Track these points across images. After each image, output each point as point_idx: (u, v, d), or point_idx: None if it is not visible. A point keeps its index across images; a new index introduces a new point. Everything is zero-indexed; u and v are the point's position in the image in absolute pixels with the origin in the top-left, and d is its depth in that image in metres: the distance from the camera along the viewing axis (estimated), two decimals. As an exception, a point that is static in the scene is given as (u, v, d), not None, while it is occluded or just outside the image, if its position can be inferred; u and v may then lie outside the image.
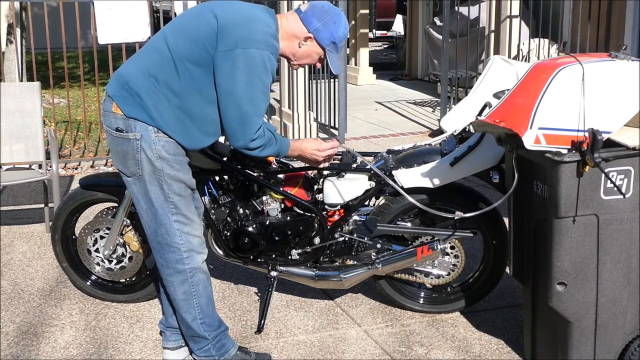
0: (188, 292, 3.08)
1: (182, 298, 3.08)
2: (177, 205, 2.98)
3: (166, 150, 2.92)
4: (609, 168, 2.70)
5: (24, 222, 5.27)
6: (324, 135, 7.97)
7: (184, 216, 3.01)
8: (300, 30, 3.05)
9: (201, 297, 3.10)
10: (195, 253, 3.06)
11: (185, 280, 3.06)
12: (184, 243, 3.02)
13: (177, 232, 3.00)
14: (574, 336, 2.89)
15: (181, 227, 3.01)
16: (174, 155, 2.94)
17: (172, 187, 2.96)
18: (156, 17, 13.59)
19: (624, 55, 2.79)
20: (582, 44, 7.39)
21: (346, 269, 3.58)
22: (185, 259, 3.03)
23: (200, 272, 3.09)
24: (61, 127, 8.24)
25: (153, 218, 3.01)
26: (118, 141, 2.95)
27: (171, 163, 2.94)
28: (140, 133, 2.90)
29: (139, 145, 2.90)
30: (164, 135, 2.91)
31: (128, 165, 2.96)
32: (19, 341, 3.52)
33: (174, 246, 3.02)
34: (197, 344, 3.17)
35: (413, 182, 3.44)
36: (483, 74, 3.63)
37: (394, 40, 15.74)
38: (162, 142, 2.91)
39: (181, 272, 3.05)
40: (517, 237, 3.12)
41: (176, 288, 3.08)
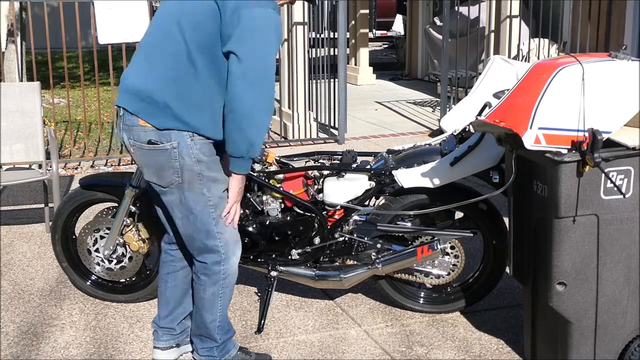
0: (216, 294, 3.07)
1: (209, 298, 3.07)
2: (217, 208, 2.96)
3: (203, 153, 2.89)
4: (609, 168, 2.70)
5: (24, 222, 5.27)
6: (324, 135, 7.98)
7: (221, 219, 2.99)
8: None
9: (226, 300, 3.10)
10: (232, 255, 3.05)
11: (218, 281, 3.05)
12: (223, 245, 3.00)
13: (217, 234, 2.98)
14: (574, 336, 2.89)
15: (221, 229, 2.99)
16: (210, 157, 2.92)
17: (212, 189, 2.93)
18: (156, 17, 13.56)
19: (624, 55, 2.79)
20: (582, 44, 7.39)
21: (346, 269, 3.58)
22: (224, 260, 3.02)
23: (232, 276, 3.09)
24: (61, 127, 8.24)
25: (192, 225, 2.97)
26: (152, 154, 2.88)
27: (209, 165, 2.91)
28: (177, 141, 2.85)
29: (176, 153, 2.86)
30: (199, 137, 2.87)
31: (164, 175, 2.90)
32: (19, 341, 3.52)
33: (215, 249, 3.00)
34: (203, 342, 3.16)
35: (413, 182, 3.44)
36: (483, 74, 3.63)
37: (394, 40, 15.74)
38: (199, 145, 2.87)
39: (216, 273, 3.04)
40: (517, 237, 3.12)
41: (207, 288, 3.06)
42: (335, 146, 7.57)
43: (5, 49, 7.39)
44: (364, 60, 12.12)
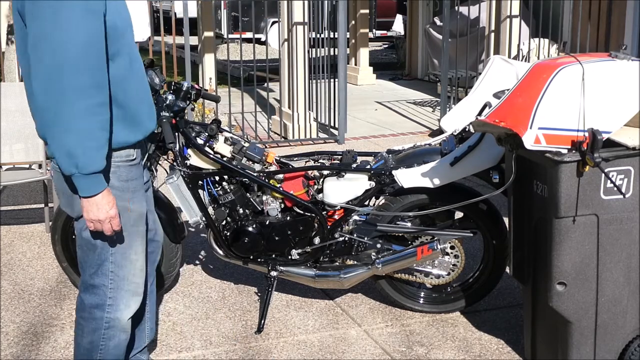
0: (95, 345, 2.66)
1: (86, 347, 2.67)
2: (118, 244, 2.56)
3: (118, 177, 2.51)
4: (609, 168, 2.70)
5: (24, 222, 5.27)
6: (324, 135, 7.98)
7: (123, 256, 2.59)
8: None
9: (108, 354, 2.67)
10: (124, 306, 2.64)
11: (97, 329, 2.64)
12: (113, 289, 2.60)
13: (110, 274, 2.59)
14: (574, 336, 2.89)
15: (116, 270, 2.59)
16: (125, 182, 2.54)
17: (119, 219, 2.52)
18: (156, 17, 13.58)
19: (624, 55, 2.79)
20: (582, 44, 7.40)
21: (346, 269, 3.59)
22: (109, 307, 2.62)
23: (118, 327, 2.66)
24: (61, 127, 8.23)
25: (85, 255, 2.60)
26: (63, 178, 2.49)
27: (122, 192, 2.52)
28: None
29: None
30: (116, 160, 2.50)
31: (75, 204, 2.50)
32: (19, 341, 3.52)
33: (99, 290, 2.60)
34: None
35: (413, 182, 3.44)
36: (483, 74, 3.63)
37: (394, 40, 15.75)
38: (113, 167, 2.50)
39: (97, 319, 2.63)
40: (517, 237, 3.12)
41: (84, 335, 2.66)
42: (335, 146, 7.57)
43: (5, 49, 7.39)
44: (364, 60, 12.12)
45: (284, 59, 7.80)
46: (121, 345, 2.72)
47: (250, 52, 12.65)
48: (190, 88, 3.53)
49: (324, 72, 7.84)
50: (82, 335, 2.68)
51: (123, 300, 2.65)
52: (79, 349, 2.71)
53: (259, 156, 3.55)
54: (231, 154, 3.53)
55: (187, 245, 4.57)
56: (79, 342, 2.70)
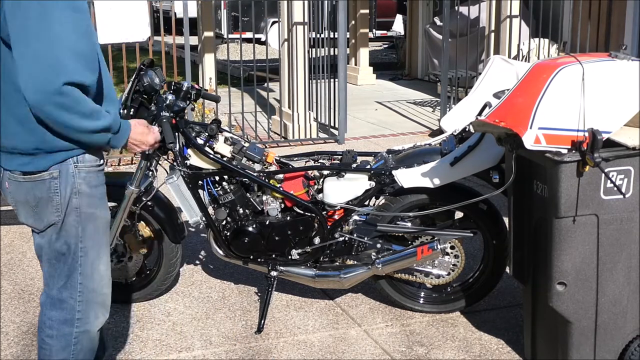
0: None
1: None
2: (87, 254, 2.49)
3: (87, 183, 2.46)
4: (609, 168, 2.70)
5: (24, 222, 5.27)
6: (324, 135, 7.98)
7: (92, 266, 2.51)
8: None
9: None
10: (93, 318, 2.55)
11: (67, 347, 2.52)
12: (82, 302, 2.51)
13: (79, 286, 2.49)
14: (574, 336, 2.89)
15: (85, 282, 2.50)
16: (95, 188, 2.49)
17: (87, 229, 2.48)
18: (156, 17, 13.55)
19: (624, 55, 2.79)
20: (582, 44, 7.40)
21: (346, 269, 3.59)
22: (78, 320, 2.52)
23: (87, 340, 2.56)
24: (61, 127, 8.23)
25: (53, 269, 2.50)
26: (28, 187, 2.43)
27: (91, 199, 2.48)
28: (58, 169, 2.40)
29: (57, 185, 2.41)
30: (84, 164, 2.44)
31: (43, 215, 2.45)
32: (19, 341, 3.52)
33: (68, 302, 2.50)
34: None
35: (413, 182, 3.44)
36: (483, 74, 3.63)
37: (394, 40, 15.74)
38: (84, 172, 2.44)
39: (65, 335, 2.51)
40: (517, 237, 3.12)
41: (52, 354, 2.52)
42: (335, 146, 7.56)
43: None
44: (364, 60, 12.12)
45: (284, 59, 7.80)
46: (90, 353, 2.62)
47: (250, 52, 12.64)
48: (190, 88, 3.53)
49: (324, 72, 7.83)
50: (50, 356, 2.54)
51: (92, 312, 2.56)
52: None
53: (259, 156, 3.55)
54: (231, 154, 3.53)
55: (187, 245, 4.57)
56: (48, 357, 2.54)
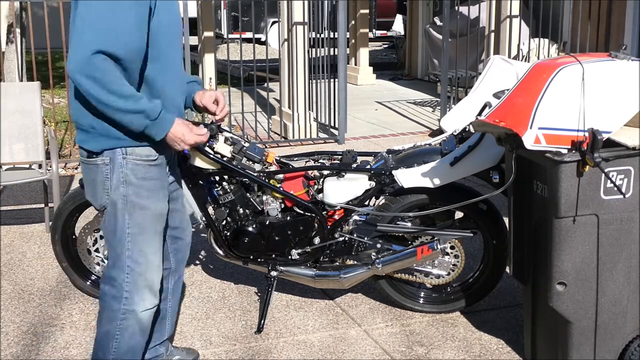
0: (111, 334, 2.75)
1: (102, 335, 2.77)
2: (135, 239, 2.67)
3: (135, 174, 2.63)
4: (609, 168, 2.70)
5: (24, 222, 5.27)
6: (324, 135, 7.98)
7: (141, 254, 2.69)
8: None
9: (122, 344, 2.76)
10: (139, 299, 2.73)
11: (114, 319, 2.73)
12: (130, 282, 2.70)
13: (127, 268, 2.69)
14: (574, 336, 2.89)
15: (133, 265, 2.69)
16: (142, 180, 2.65)
17: (134, 216, 2.65)
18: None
19: (624, 55, 2.79)
20: (582, 44, 7.40)
21: (346, 269, 3.59)
22: (125, 299, 2.72)
23: (133, 319, 2.74)
24: (61, 127, 8.24)
25: (109, 247, 2.74)
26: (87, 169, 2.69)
27: (138, 190, 2.65)
28: (109, 157, 2.62)
29: (107, 171, 2.63)
30: (133, 156, 2.62)
31: (97, 196, 2.69)
32: (19, 341, 3.52)
33: (117, 281, 2.70)
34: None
35: (413, 182, 3.44)
36: (483, 74, 3.63)
37: (394, 40, 15.75)
38: (131, 164, 2.62)
39: (113, 311, 2.73)
40: (517, 237, 3.12)
41: (102, 324, 2.77)
42: (335, 146, 7.57)
43: (5, 49, 7.39)
44: (364, 60, 12.12)
45: (284, 59, 7.80)
46: (136, 336, 2.79)
47: (250, 52, 12.65)
48: (190, 88, 3.52)
49: (324, 72, 7.84)
50: (100, 323, 2.79)
51: (138, 294, 2.73)
52: (98, 335, 2.81)
53: (259, 156, 3.55)
54: (231, 154, 3.53)
55: (187, 245, 4.57)
56: (98, 329, 2.81)
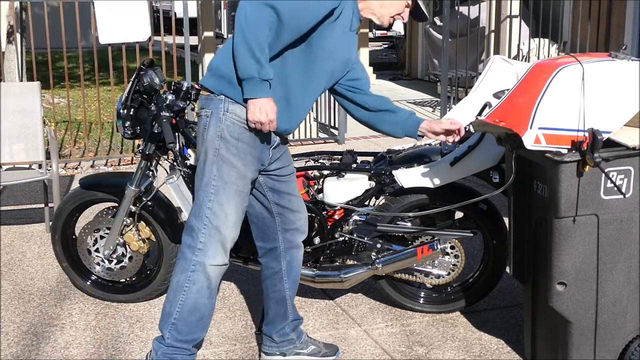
0: (181, 285, 2.90)
1: (174, 286, 2.93)
2: (217, 193, 2.84)
3: (230, 132, 2.81)
4: (609, 168, 2.70)
5: (24, 222, 5.27)
6: (324, 135, 7.98)
7: (221, 207, 2.85)
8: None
9: (189, 298, 2.90)
10: (211, 252, 2.87)
11: (185, 270, 2.89)
12: (205, 234, 2.86)
13: (205, 219, 2.85)
14: (574, 336, 2.89)
15: (211, 217, 2.85)
16: (236, 139, 2.82)
17: (222, 170, 2.83)
18: (156, 17, 13.51)
19: (624, 55, 2.79)
20: (582, 44, 7.40)
21: (346, 269, 3.58)
22: (198, 251, 2.87)
23: (202, 273, 2.88)
24: (61, 127, 8.24)
25: (195, 196, 2.91)
26: (198, 121, 2.93)
27: (229, 147, 2.82)
28: (211, 110, 2.84)
29: (207, 123, 2.84)
30: (232, 115, 2.81)
31: (199, 146, 2.90)
32: (19, 341, 3.52)
33: (194, 232, 2.87)
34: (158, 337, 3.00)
35: (413, 182, 3.44)
36: (483, 74, 3.62)
37: (394, 40, 15.75)
38: (228, 122, 2.81)
39: (187, 260, 2.88)
40: (517, 237, 3.12)
41: (175, 274, 2.93)
42: (335, 146, 7.57)
43: (5, 49, 7.39)
44: (364, 60, 12.08)
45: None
46: (203, 293, 2.90)
47: (250, 52, 12.62)
48: (190, 88, 3.53)
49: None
50: (174, 272, 2.94)
51: (212, 247, 2.87)
52: (171, 285, 2.96)
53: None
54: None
55: (187, 245, 4.57)
56: (172, 279, 2.96)
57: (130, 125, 3.54)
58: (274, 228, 3.13)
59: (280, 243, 3.15)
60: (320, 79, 2.96)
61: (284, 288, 3.21)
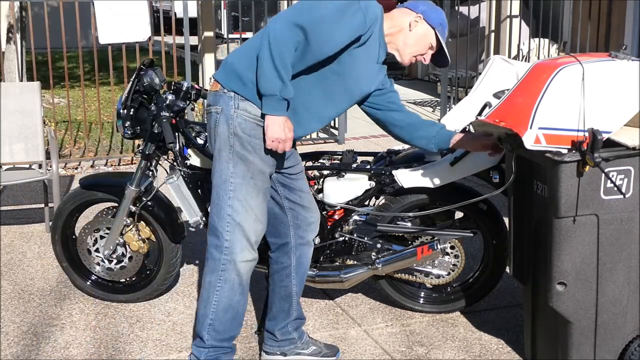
0: (212, 285, 2.94)
1: (206, 287, 2.96)
2: (236, 190, 2.86)
3: (242, 129, 2.84)
4: (609, 168, 2.70)
5: (24, 222, 5.27)
6: (324, 135, 7.98)
7: (241, 203, 2.87)
8: (408, 14, 3.02)
9: (222, 297, 2.95)
10: (238, 249, 2.91)
11: (215, 270, 2.92)
12: (230, 232, 2.89)
13: (228, 218, 2.88)
14: (574, 336, 2.89)
15: (233, 214, 2.87)
16: (249, 135, 2.84)
17: (238, 167, 2.86)
18: (156, 17, 13.51)
19: (624, 55, 2.79)
20: (582, 44, 7.40)
21: (346, 269, 3.58)
22: (225, 250, 2.90)
23: (233, 270, 2.92)
24: (61, 127, 8.24)
25: (214, 198, 2.92)
26: (207, 117, 2.95)
27: (244, 143, 2.84)
28: (222, 107, 2.85)
29: (217, 119, 2.86)
30: (243, 112, 2.83)
31: (211, 141, 2.93)
32: (19, 341, 3.53)
33: (218, 233, 2.90)
34: (195, 339, 3.09)
35: (413, 182, 3.44)
36: (483, 74, 3.63)
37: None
38: (240, 119, 2.83)
39: (215, 260, 2.92)
40: (517, 237, 3.12)
41: (206, 275, 2.96)
42: (335, 146, 7.57)
43: (5, 49, 7.39)
44: (364, 60, 12.10)
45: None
46: (235, 289, 2.95)
47: (250, 52, 12.60)
48: (190, 88, 3.53)
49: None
50: (204, 274, 2.97)
51: (238, 244, 2.90)
52: (203, 286, 2.99)
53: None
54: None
55: (187, 245, 4.57)
56: (203, 280, 2.99)
57: (130, 125, 3.55)
58: (285, 223, 3.16)
59: (291, 239, 3.18)
60: (341, 98, 3.02)
61: (291, 284, 3.22)
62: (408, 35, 3.02)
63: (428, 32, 3.02)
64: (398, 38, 3.02)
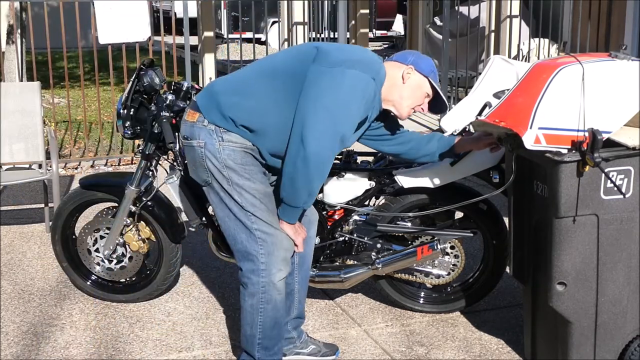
0: (255, 308, 2.94)
1: (248, 311, 2.96)
2: (256, 214, 2.87)
3: (232, 160, 2.84)
4: (609, 168, 2.70)
5: (24, 222, 5.27)
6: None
7: (266, 225, 2.88)
8: (398, 67, 3.00)
9: (267, 317, 2.95)
10: (275, 269, 2.90)
11: (256, 294, 2.92)
12: (265, 254, 2.88)
13: (259, 240, 2.88)
14: (574, 336, 2.89)
15: (264, 237, 2.88)
16: (240, 165, 2.86)
17: (244, 195, 2.86)
18: (156, 17, 13.52)
19: (624, 55, 2.79)
20: (582, 44, 7.40)
21: (346, 269, 3.58)
22: (262, 271, 2.89)
23: (273, 290, 2.93)
24: (61, 127, 8.24)
25: (233, 224, 2.91)
26: (186, 150, 2.93)
27: (239, 172, 2.86)
28: (204, 141, 2.84)
29: (203, 154, 2.85)
30: (228, 143, 2.83)
31: (199, 173, 2.92)
32: (19, 341, 3.52)
33: (253, 254, 2.89)
34: (243, 354, 3.08)
35: (413, 182, 3.44)
36: (483, 74, 3.63)
37: (394, 40, 15.75)
38: (227, 150, 2.84)
39: (254, 284, 2.91)
40: (517, 237, 3.12)
41: (245, 299, 2.96)
42: (335, 146, 7.54)
43: (5, 49, 7.39)
44: (364, 60, 12.09)
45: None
46: (278, 307, 2.97)
47: (250, 52, 12.63)
48: (190, 88, 3.53)
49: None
50: (244, 299, 2.97)
51: (275, 265, 2.91)
52: (244, 313, 2.99)
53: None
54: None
55: (187, 245, 4.57)
56: (242, 306, 2.99)
57: (130, 125, 3.55)
58: None
59: None
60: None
61: (294, 282, 3.22)
62: (403, 88, 2.99)
63: (422, 81, 3.01)
64: (393, 93, 2.99)
